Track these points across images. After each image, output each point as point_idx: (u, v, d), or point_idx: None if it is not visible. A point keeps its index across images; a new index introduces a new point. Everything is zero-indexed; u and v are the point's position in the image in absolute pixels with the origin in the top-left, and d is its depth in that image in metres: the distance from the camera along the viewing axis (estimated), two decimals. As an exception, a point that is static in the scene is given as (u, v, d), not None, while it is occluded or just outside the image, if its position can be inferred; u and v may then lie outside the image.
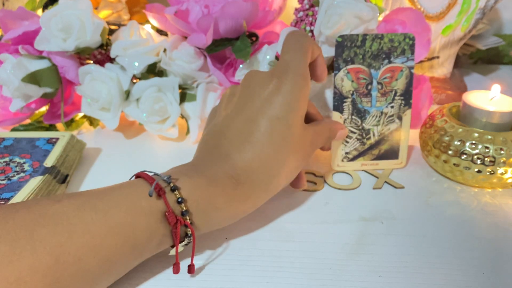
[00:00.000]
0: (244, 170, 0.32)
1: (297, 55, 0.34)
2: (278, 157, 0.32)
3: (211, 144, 0.34)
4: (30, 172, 0.38)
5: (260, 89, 0.33)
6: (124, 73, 0.47)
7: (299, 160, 0.34)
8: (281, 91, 0.33)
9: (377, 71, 0.40)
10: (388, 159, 0.43)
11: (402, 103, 0.41)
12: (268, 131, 0.32)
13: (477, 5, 0.55)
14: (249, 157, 0.32)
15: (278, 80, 0.33)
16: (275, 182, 0.33)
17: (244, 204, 0.32)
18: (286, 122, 0.32)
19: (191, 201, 0.29)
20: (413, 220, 0.36)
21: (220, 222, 0.32)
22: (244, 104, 0.34)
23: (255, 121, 0.32)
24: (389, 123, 0.41)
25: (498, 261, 0.32)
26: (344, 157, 0.42)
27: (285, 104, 0.32)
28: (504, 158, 0.38)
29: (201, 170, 0.31)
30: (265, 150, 0.32)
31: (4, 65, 0.46)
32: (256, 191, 0.32)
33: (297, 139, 0.33)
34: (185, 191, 0.29)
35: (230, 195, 0.31)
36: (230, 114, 0.34)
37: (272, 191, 0.33)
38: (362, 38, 0.39)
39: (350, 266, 0.31)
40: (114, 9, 0.62)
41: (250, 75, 0.35)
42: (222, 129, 0.34)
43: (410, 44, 0.40)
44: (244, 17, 0.45)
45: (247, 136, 0.32)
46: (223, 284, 0.30)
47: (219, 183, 0.31)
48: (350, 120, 0.41)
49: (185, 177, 0.30)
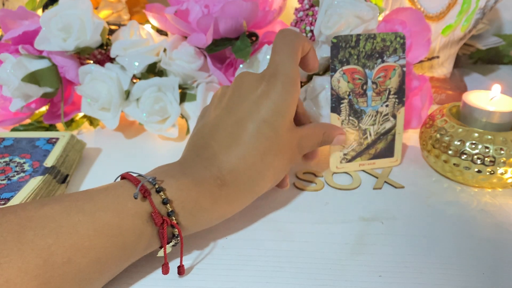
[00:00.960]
0: (230, 172, 0.32)
1: (287, 57, 0.34)
2: (265, 160, 0.33)
3: (199, 144, 0.34)
4: (30, 172, 0.38)
5: (250, 91, 0.34)
6: (124, 73, 0.47)
7: (286, 163, 0.35)
8: (269, 95, 0.33)
9: (371, 71, 0.40)
10: (384, 157, 0.43)
11: (396, 101, 0.41)
12: (255, 134, 0.32)
13: (477, 5, 0.55)
14: (235, 159, 0.32)
15: (267, 83, 0.33)
16: (261, 184, 0.33)
17: (230, 204, 0.32)
18: (273, 126, 0.33)
19: (176, 202, 0.29)
20: (413, 220, 0.36)
21: (206, 222, 0.32)
22: (233, 105, 0.34)
23: (243, 124, 0.33)
24: (384, 122, 0.42)
25: (498, 261, 0.32)
26: (343, 158, 0.42)
27: (273, 108, 0.33)
28: (504, 158, 0.38)
29: (187, 172, 0.31)
30: (252, 153, 0.32)
31: (4, 64, 0.46)
32: (242, 193, 0.33)
33: (284, 143, 0.34)
34: (171, 192, 0.29)
35: (216, 196, 0.31)
36: (219, 115, 0.34)
37: (258, 192, 0.34)
38: (356, 39, 0.39)
39: (350, 266, 0.31)
40: (114, 9, 0.62)
41: (240, 76, 0.35)
42: (211, 130, 0.34)
43: (401, 43, 0.40)
44: (244, 17, 0.45)
45: (234, 138, 0.33)
46: (223, 284, 0.30)
47: (206, 184, 0.31)
48: (348, 121, 0.41)
49: (171, 178, 0.30)
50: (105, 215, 0.27)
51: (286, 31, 0.35)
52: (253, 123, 0.33)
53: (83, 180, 0.42)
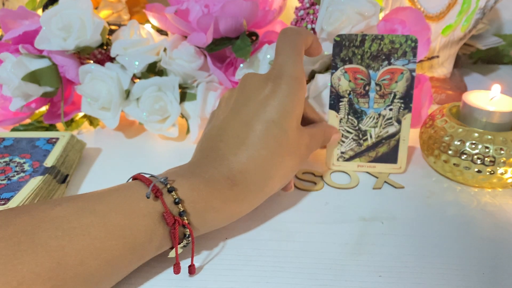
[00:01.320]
0: (240, 172, 0.32)
1: (291, 57, 0.34)
2: (273, 160, 0.33)
3: (208, 146, 0.34)
4: (30, 172, 0.38)
5: (256, 92, 0.34)
6: (124, 73, 0.47)
7: (295, 163, 0.35)
8: (276, 95, 0.33)
9: (375, 72, 0.40)
10: (386, 162, 0.42)
11: (401, 106, 0.40)
12: (263, 135, 0.32)
13: (477, 5, 0.55)
14: (245, 160, 0.32)
15: (273, 84, 0.33)
16: (270, 184, 0.33)
17: (240, 205, 0.32)
18: (281, 126, 0.33)
19: (188, 201, 0.29)
20: (413, 220, 0.36)
21: (217, 222, 0.32)
22: (240, 107, 0.34)
23: (250, 125, 0.33)
24: (387, 126, 0.41)
25: (498, 261, 0.32)
26: (340, 156, 0.42)
27: (280, 108, 0.33)
28: (504, 158, 0.38)
29: (197, 172, 0.32)
30: (261, 153, 0.32)
31: (4, 64, 0.46)
32: (252, 193, 0.33)
33: (292, 142, 0.34)
34: (182, 192, 0.29)
35: (226, 196, 0.31)
36: (226, 117, 0.34)
37: (268, 192, 0.34)
38: (361, 38, 0.39)
39: (350, 266, 0.31)
40: (114, 9, 0.62)
41: (246, 78, 0.35)
42: (219, 132, 0.34)
43: (412, 47, 0.39)
44: (244, 16, 0.45)
45: (242, 139, 0.33)
46: (223, 284, 0.30)
47: (216, 184, 0.31)
48: (346, 119, 0.41)
49: (182, 178, 0.30)
50: (116, 216, 0.27)
51: (287, 30, 0.35)
52: (261, 124, 0.33)
53: (83, 180, 0.42)
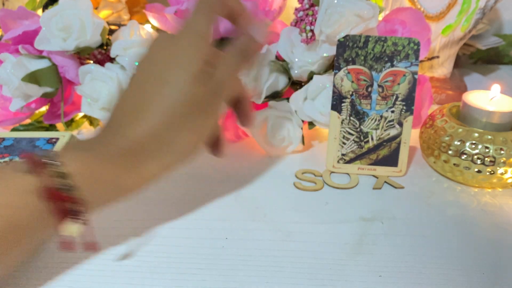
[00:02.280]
0: (135, 141, 0.30)
1: (198, 15, 0.32)
2: (171, 124, 0.30)
3: (109, 115, 0.32)
4: (30, 172, 0.38)
5: (154, 52, 0.32)
6: (124, 73, 0.47)
7: (202, 122, 0.32)
8: (174, 53, 0.31)
9: (378, 74, 0.40)
10: (387, 165, 0.42)
11: (403, 108, 0.40)
12: (159, 99, 0.30)
13: (477, 5, 0.55)
14: (140, 128, 0.30)
15: (172, 41, 0.31)
16: (171, 149, 0.31)
17: (139, 175, 0.30)
18: (177, 86, 0.30)
19: (77, 175, 0.27)
20: (413, 220, 0.36)
21: (114, 195, 0.30)
22: (140, 70, 0.32)
23: (145, 88, 0.31)
24: (388, 128, 0.41)
25: (498, 261, 0.32)
26: (340, 158, 0.42)
27: (176, 67, 0.30)
28: (504, 158, 0.38)
29: (91, 144, 0.30)
30: (156, 119, 0.30)
31: (4, 64, 0.46)
32: (149, 162, 0.30)
33: (192, 101, 0.31)
34: (71, 166, 0.27)
35: (122, 167, 0.29)
36: (128, 83, 0.33)
37: (171, 160, 0.31)
38: (364, 40, 0.39)
39: (350, 266, 0.31)
40: (114, 9, 0.62)
41: (152, 39, 0.33)
42: (118, 100, 0.32)
43: (415, 49, 0.39)
44: (244, 17, 0.45)
45: (136, 105, 0.31)
46: (223, 284, 0.30)
47: (108, 155, 0.29)
48: (348, 121, 0.41)
49: (73, 151, 0.29)
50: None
51: None
52: (155, 87, 0.30)
53: (83, 180, 0.42)
